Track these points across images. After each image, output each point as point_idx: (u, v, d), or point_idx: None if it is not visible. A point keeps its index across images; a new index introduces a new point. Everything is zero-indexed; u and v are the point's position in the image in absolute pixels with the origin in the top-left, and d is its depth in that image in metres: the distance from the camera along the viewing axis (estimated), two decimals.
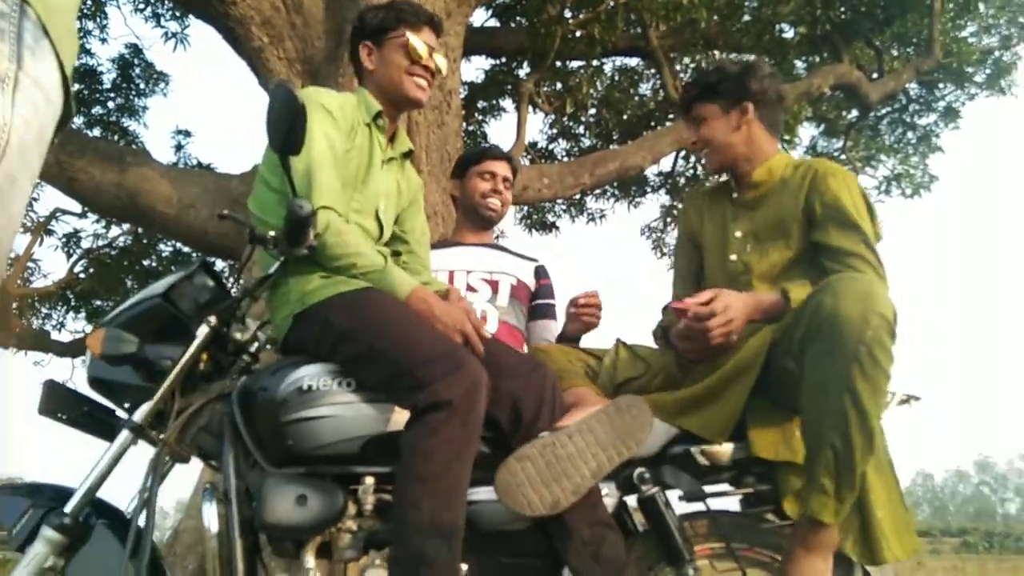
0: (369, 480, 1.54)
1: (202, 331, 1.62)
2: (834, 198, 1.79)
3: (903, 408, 1.88)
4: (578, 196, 7.91)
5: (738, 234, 1.93)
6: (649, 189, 8.60)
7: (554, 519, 1.49)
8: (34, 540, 1.48)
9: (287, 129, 1.49)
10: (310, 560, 1.52)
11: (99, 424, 1.64)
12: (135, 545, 1.45)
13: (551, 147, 8.45)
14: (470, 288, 2.43)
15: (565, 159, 8.22)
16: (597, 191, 8.14)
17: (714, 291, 1.68)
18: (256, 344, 1.75)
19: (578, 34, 6.33)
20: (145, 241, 8.31)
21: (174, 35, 7.20)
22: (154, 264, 8.49)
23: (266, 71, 4.16)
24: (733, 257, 1.91)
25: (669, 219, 8.71)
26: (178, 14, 7.16)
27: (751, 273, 1.86)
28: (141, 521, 1.47)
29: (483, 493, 1.52)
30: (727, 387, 1.63)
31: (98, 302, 8.66)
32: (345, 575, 1.53)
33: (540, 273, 2.64)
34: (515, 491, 1.43)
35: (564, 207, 8.72)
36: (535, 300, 2.59)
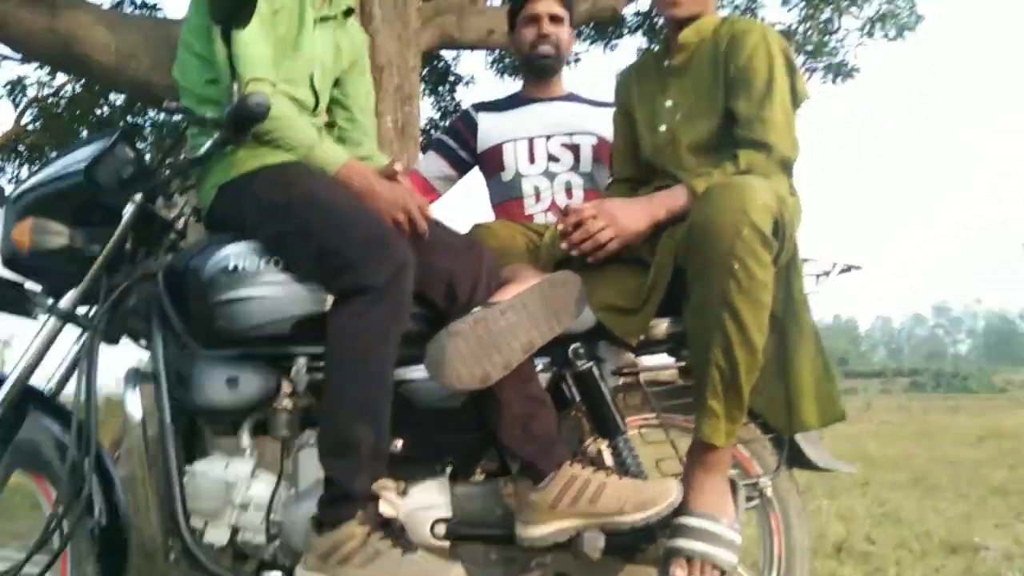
0: (302, 360, 1.52)
1: (129, 211, 1.55)
2: (747, 58, 1.69)
3: (845, 276, 1.92)
4: None
5: (668, 103, 1.82)
6: (626, 31, 8.21)
7: (487, 395, 1.49)
8: None
9: None
10: (246, 439, 1.54)
11: (14, 301, 1.58)
12: (78, 440, 1.43)
13: None
14: (551, 158, 2.25)
15: None
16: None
17: (597, 203, 1.64)
18: (183, 219, 1.69)
19: None
20: (97, 88, 7.87)
21: None
22: (107, 113, 8.11)
23: None
24: (662, 128, 1.81)
25: None
26: None
27: (679, 143, 1.76)
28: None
29: (417, 372, 1.52)
30: (642, 299, 1.60)
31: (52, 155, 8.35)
32: (282, 453, 1.56)
33: None
34: (444, 366, 1.41)
35: None
36: None
